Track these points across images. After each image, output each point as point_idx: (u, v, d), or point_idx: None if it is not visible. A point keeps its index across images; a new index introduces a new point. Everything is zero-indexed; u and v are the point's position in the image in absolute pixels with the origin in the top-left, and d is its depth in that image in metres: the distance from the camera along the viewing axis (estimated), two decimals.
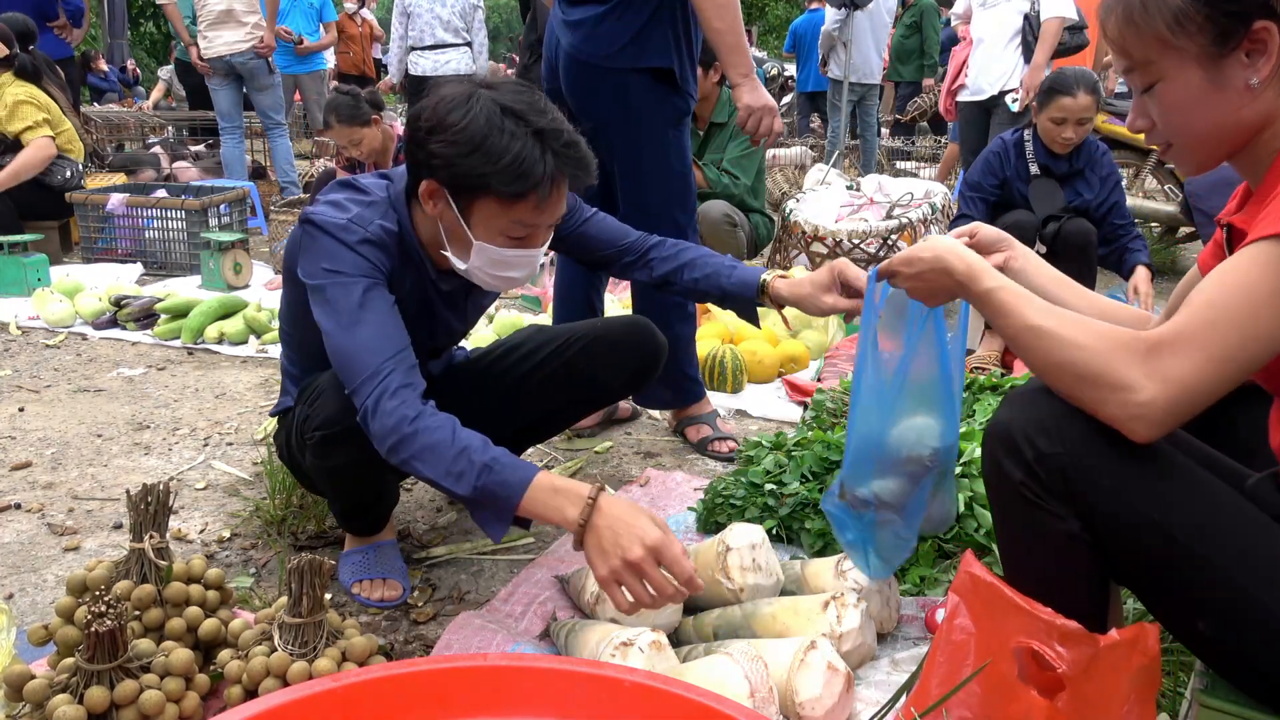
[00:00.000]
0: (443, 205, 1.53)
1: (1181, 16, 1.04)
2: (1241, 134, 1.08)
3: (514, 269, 1.59)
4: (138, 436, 2.61)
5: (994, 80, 4.75)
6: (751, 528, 1.70)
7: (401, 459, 1.44)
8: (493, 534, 1.47)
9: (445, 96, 1.49)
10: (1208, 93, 1.06)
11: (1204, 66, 1.05)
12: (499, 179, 1.45)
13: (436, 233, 1.61)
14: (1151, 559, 1.06)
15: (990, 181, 3.42)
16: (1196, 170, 1.15)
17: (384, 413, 1.43)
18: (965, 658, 1.13)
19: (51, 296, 3.77)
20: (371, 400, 1.45)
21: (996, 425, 1.13)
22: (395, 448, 1.43)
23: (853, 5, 6.58)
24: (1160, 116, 1.12)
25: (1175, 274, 5.39)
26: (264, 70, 5.76)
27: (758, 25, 18.09)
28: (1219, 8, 1.03)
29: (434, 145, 1.47)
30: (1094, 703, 1.05)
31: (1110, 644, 1.04)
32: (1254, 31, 1.02)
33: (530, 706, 1.12)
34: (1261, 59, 1.03)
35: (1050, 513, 1.08)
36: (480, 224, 1.52)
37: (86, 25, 7.04)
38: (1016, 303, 1.14)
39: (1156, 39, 1.07)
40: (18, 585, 1.83)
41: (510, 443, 2.13)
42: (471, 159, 1.44)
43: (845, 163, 7.12)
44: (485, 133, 1.44)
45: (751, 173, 4.13)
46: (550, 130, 1.47)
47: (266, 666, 1.35)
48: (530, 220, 1.52)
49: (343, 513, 1.85)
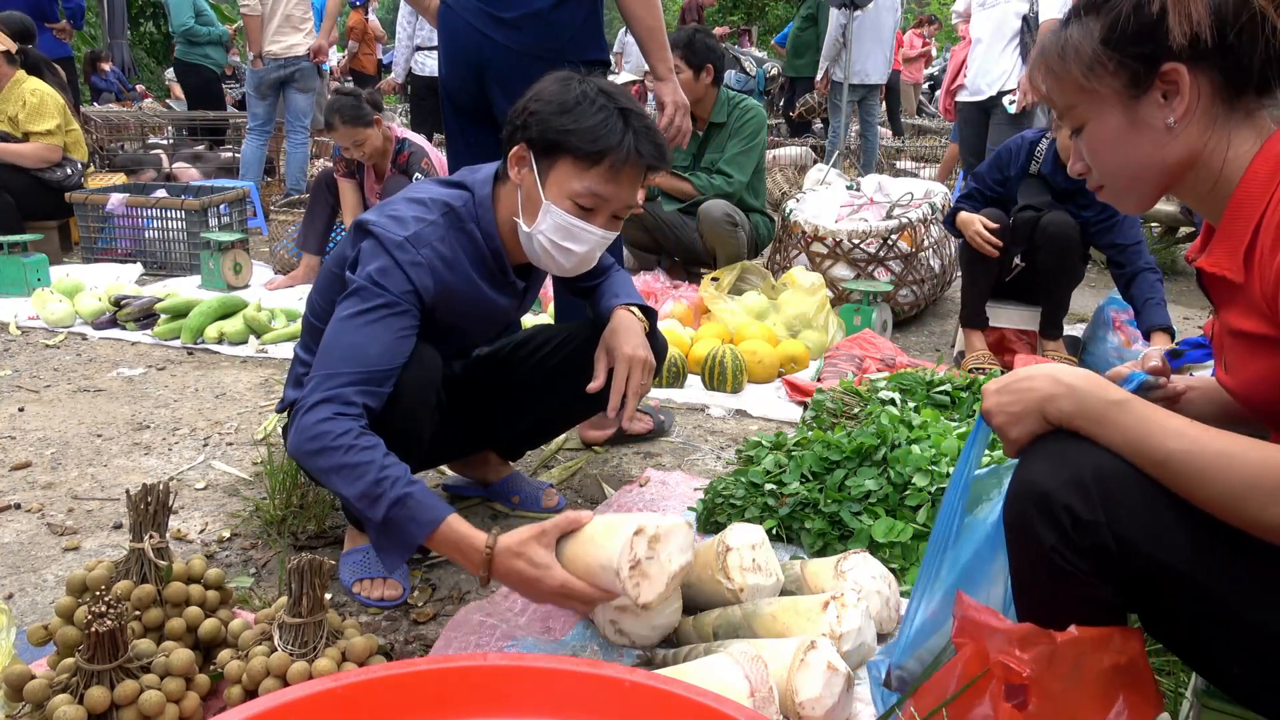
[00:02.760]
0: (525, 169, 1.66)
1: (1094, 63, 1.08)
2: (1169, 172, 1.09)
3: (575, 241, 1.66)
4: (138, 436, 2.61)
5: (992, 81, 4.74)
6: (751, 528, 1.70)
7: (320, 467, 1.46)
8: (389, 564, 1.49)
9: (552, 77, 1.68)
10: (1128, 134, 1.09)
11: (1122, 109, 1.08)
12: (580, 137, 1.59)
13: (513, 220, 1.71)
14: (1188, 615, 1.04)
15: (994, 176, 3.30)
16: (1135, 210, 1.16)
17: (321, 417, 1.47)
18: (953, 673, 1.13)
19: (51, 296, 3.77)
20: (317, 396, 1.48)
21: (1028, 482, 1.07)
22: (318, 453, 1.46)
23: (853, 5, 6.58)
24: (1089, 158, 1.15)
25: (1175, 274, 5.40)
26: (313, 73, 5.90)
27: (758, 25, 18.08)
28: (1127, 51, 1.05)
29: (531, 107, 1.63)
30: (1063, 702, 1.03)
31: (1069, 640, 1.03)
32: (1164, 73, 1.04)
33: (530, 706, 1.11)
34: (1176, 99, 1.05)
35: (1082, 580, 1.05)
36: (554, 185, 1.64)
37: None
38: (1207, 452, 0.99)
39: (1075, 85, 1.11)
40: (18, 585, 1.83)
41: (520, 437, 2.14)
42: (561, 117, 1.60)
43: (845, 163, 7.12)
44: (578, 99, 1.61)
45: (749, 170, 4.13)
46: (634, 112, 1.63)
47: (266, 666, 1.35)
48: (601, 189, 1.62)
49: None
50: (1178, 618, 1.05)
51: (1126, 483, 1.02)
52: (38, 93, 4.64)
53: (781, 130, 9.17)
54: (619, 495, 2.25)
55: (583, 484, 2.37)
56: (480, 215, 1.72)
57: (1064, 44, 1.12)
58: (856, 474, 2.01)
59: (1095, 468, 1.03)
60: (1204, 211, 1.13)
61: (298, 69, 5.80)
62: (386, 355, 1.56)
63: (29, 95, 4.61)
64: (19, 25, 5.08)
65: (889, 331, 3.74)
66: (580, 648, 1.62)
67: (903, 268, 3.98)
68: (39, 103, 4.62)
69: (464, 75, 2.40)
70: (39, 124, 4.62)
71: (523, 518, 2.16)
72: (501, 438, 2.13)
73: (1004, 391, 1.13)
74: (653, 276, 4.15)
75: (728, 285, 3.83)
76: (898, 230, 3.95)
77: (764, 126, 4.20)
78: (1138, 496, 1.02)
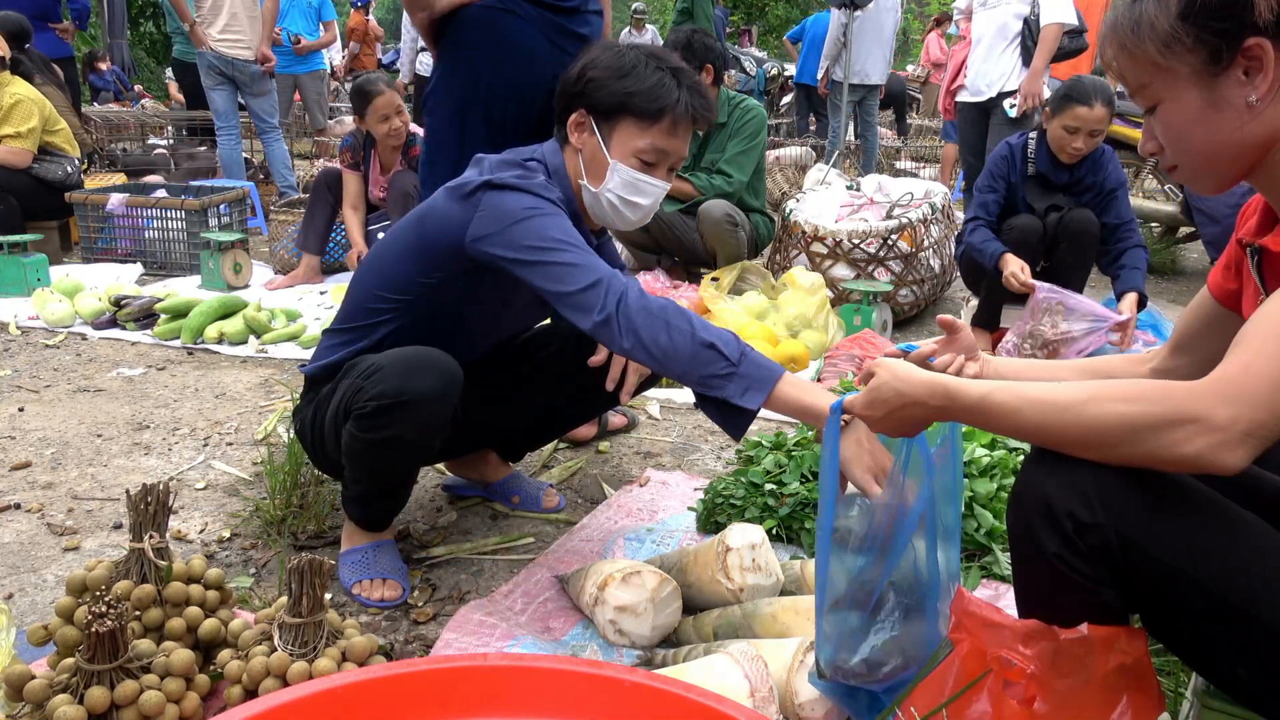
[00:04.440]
0: (587, 134, 1.75)
1: (1171, 39, 1.03)
2: (1249, 153, 1.06)
3: (642, 195, 1.76)
4: (138, 436, 2.61)
5: (992, 82, 4.74)
6: (751, 528, 1.70)
7: (662, 343, 1.53)
8: (736, 427, 1.54)
9: (601, 46, 1.80)
10: (1206, 113, 1.05)
11: (1200, 87, 1.04)
12: (641, 98, 1.69)
13: (580, 187, 1.78)
14: (1191, 616, 1.03)
15: (999, 188, 3.39)
16: (1212, 191, 1.12)
17: (635, 306, 1.56)
18: (951, 669, 1.13)
19: (51, 296, 3.77)
20: (614, 298, 1.57)
21: (1030, 489, 1.06)
22: (657, 330, 1.53)
23: (853, 5, 6.58)
24: (1164, 138, 1.10)
25: (1175, 274, 5.40)
26: (262, 77, 5.79)
27: (758, 25, 18.08)
28: (1207, 27, 1.01)
29: (589, 74, 1.72)
30: (1069, 700, 1.04)
31: (1073, 638, 1.03)
32: (1247, 49, 1.00)
33: (530, 706, 1.12)
34: (1259, 76, 1.01)
35: (1085, 586, 1.04)
36: (619, 145, 1.73)
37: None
38: (1023, 395, 1.06)
39: (1150, 63, 1.06)
40: (17, 585, 1.83)
41: (522, 437, 2.15)
42: (621, 81, 1.70)
43: (845, 163, 7.12)
44: (634, 64, 1.72)
45: (749, 170, 4.13)
46: (685, 71, 1.74)
47: (266, 666, 1.35)
48: (663, 144, 1.72)
49: (361, 497, 1.82)
50: (1181, 619, 1.05)
51: (1126, 486, 1.02)
52: (16, 95, 4.64)
53: (781, 130, 9.15)
54: (619, 495, 2.25)
55: (583, 484, 2.37)
56: (560, 182, 1.78)
57: (1138, 18, 1.06)
58: None
59: (1095, 472, 1.03)
60: (1271, 193, 1.10)
61: (244, 73, 5.69)
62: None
63: (7, 99, 4.62)
64: (14, 25, 5.08)
65: (889, 331, 3.74)
66: (580, 648, 1.62)
67: (903, 268, 3.98)
68: (14, 104, 4.61)
69: (524, 88, 2.33)
70: (9, 127, 4.62)
71: (523, 518, 2.16)
72: (503, 436, 2.13)
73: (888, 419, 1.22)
74: (653, 276, 4.15)
75: (728, 285, 3.83)
76: (898, 230, 3.95)
77: (764, 126, 4.20)
78: (1139, 499, 1.02)
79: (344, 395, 1.67)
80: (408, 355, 1.63)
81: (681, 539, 2.03)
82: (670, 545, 2.00)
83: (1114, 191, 3.30)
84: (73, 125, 5.15)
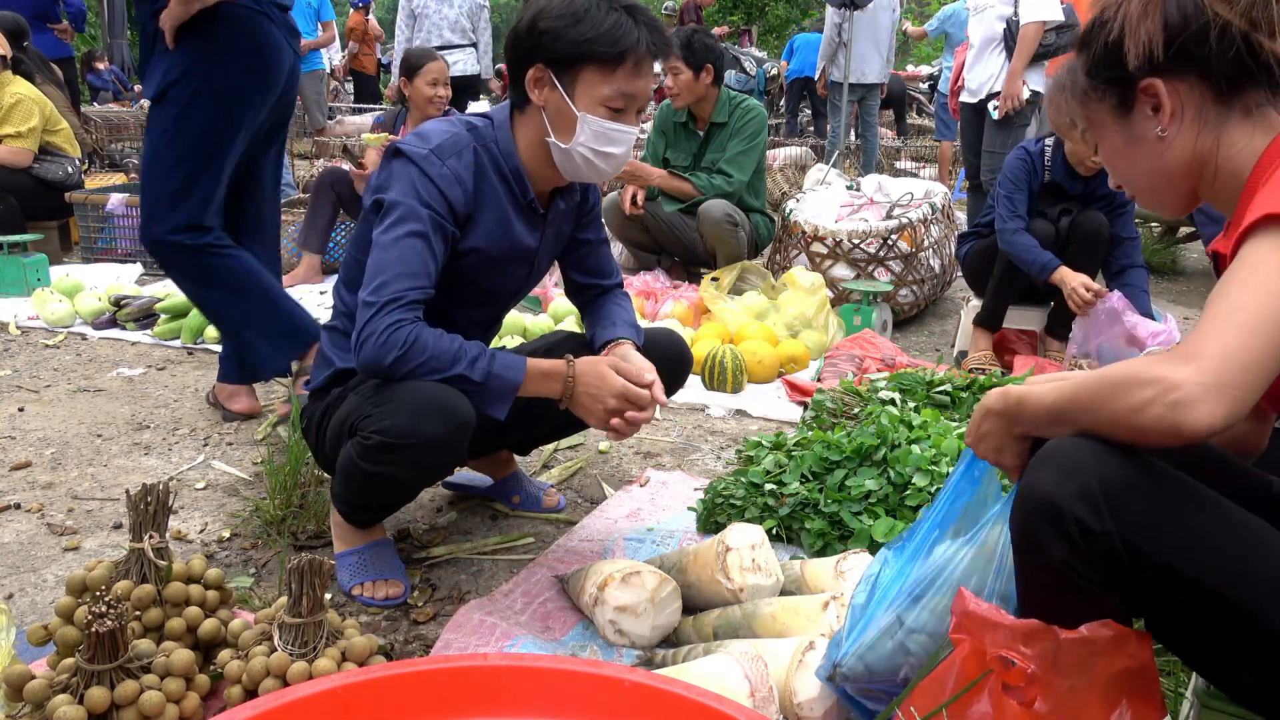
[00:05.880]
0: (548, 89, 1.69)
1: (1088, 91, 1.21)
2: (1177, 175, 1.17)
3: (614, 144, 1.71)
4: (137, 436, 2.61)
5: (980, 84, 4.76)
6: (751, 528, 1.71)
7: (404, 371, 1.58)
8: (498, 412, 1.65)
9: None
10: (1130, 149, 1.19)
11: (1119, 128, 1.19)
12: (601, 43, 1.63)
13: (540, 145, 1.74)
14: (1196, 621, 1.03)
15: (1020, 194, 3.29)
16: (1174, 212, 1.25)
17: (390, 323, 1.57)
18: (951, 670, 1.13)
19: (51, 296, 3.77)
20: (383, 299, 1.58)
21: (1036, 492, 1.06)
22: (400, 360, 1.57)
23: (852, 5, 6.58)
24: (1111, 174, 1.27)
25: (1175, 274, 5.40)
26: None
27: (758, 25, 18.06)
28: (1105, 78, 1.17)
29: (541, 26, 1.65)
30: (1069, 701, 1.03)
31: (1074, 638, 1.03)
32: (1144, 88, 1.13)
33: (530, 706, 1.12)
34: (1162, 111, 1.14)
35: (1090, 592, 1.05)
36: (583, 95, 1.67)
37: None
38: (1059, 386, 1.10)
39: (1080, 114, 1.25)
40: (17, 585, 1.83)
41: (534, 439, 2.13)
42: (576, 28, 1.63)
43: (845, 163, 7.12)
44: (586, 7, 1.64)
45: (749, 169, 4.13)
46: (638, 7, 1.69)
47: (266, 666, 1.35)
48: (628, 87, 1.67)
49: (350, 503, 1.81)
50: (1187, 624, 1.05)
51: (1134, 490, 1.02)
52: (17, 94, 4.64)
53: (781, 130, 9.15)
54: (619, 495, 2.25)
55: (583, 484, 2.37)
56: (499, 136, 1.75)
57: (1063, 82, 1.26)
58: (856, 474, 2.01)
59: (1101, 476, 1.03)
60: (1225, 209, 1.17)
61: None
62: (431, 265, 1.66)
63: (8, 98, 4.62)
64: (11, 25, 5.07)
65: (889, 331, 3.74)
66: (580, 648, 1.62)
67: (903, 268, 3.99)
68: (14, 104, 4.61)
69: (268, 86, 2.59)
70: (10, 127, 4.62)
71: (523, 518, 2.16)
72: (519, 439, 2.11)
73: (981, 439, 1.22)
74: (653, 276, 4.15)
75: (728, 285, 3.83)
76: (898, 230, 3.95)
77: (765, 126, 4.20)
78: (1146, 504, 1.02)
79: (352, 413, 1.66)
80: (422, 394, 1.58)
81: (681, 539, 2.03)
82: (670, 545, 2.00)
83: (1125, 206, 3.28)
84: (73, 125, 5.14)
